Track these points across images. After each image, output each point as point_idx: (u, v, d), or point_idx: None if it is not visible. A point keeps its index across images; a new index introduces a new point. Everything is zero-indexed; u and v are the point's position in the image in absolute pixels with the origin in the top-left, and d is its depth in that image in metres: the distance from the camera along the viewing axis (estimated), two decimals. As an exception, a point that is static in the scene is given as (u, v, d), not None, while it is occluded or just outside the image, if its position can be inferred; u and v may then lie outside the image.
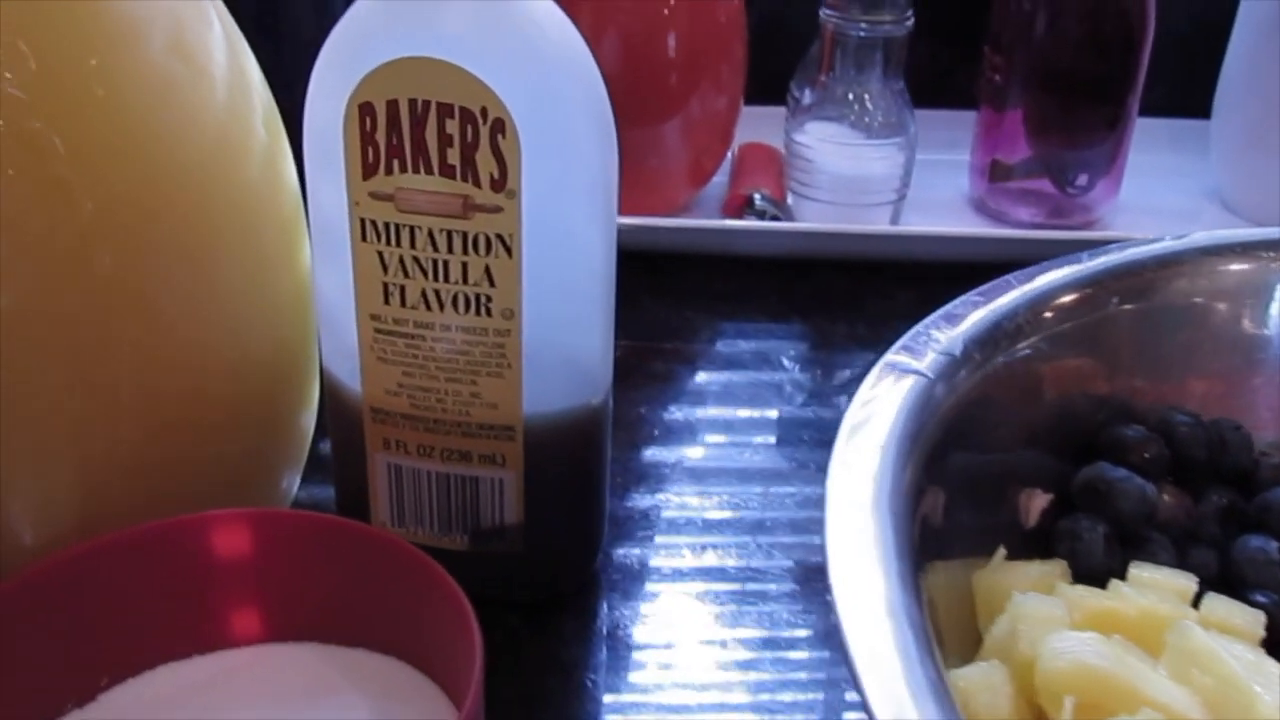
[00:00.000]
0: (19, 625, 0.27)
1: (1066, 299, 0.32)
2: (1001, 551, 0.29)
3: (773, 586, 0.37)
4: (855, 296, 0.56)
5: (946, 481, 0.27)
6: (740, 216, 0.61)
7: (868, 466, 0.24)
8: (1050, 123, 0.63)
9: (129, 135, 0.28)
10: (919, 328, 0.30)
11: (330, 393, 0.34)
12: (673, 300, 0.55)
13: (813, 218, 0.61)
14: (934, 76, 0.68)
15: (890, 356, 0.28)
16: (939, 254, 0.58)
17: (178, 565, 0.29)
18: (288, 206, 0.33)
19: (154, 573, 0.29)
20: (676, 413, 0.47)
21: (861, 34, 0.58)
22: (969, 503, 0.29)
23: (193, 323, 0.30)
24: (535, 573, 0.35)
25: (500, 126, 0.29)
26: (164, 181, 0.28)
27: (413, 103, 0.29)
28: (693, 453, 0.45)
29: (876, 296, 0.56)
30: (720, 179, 0.65)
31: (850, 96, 0.59)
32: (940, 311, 0.31)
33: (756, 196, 0.62)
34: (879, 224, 0.60)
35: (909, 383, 0.27)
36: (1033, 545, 0.31)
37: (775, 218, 0.61)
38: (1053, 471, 0.33)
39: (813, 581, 0.38)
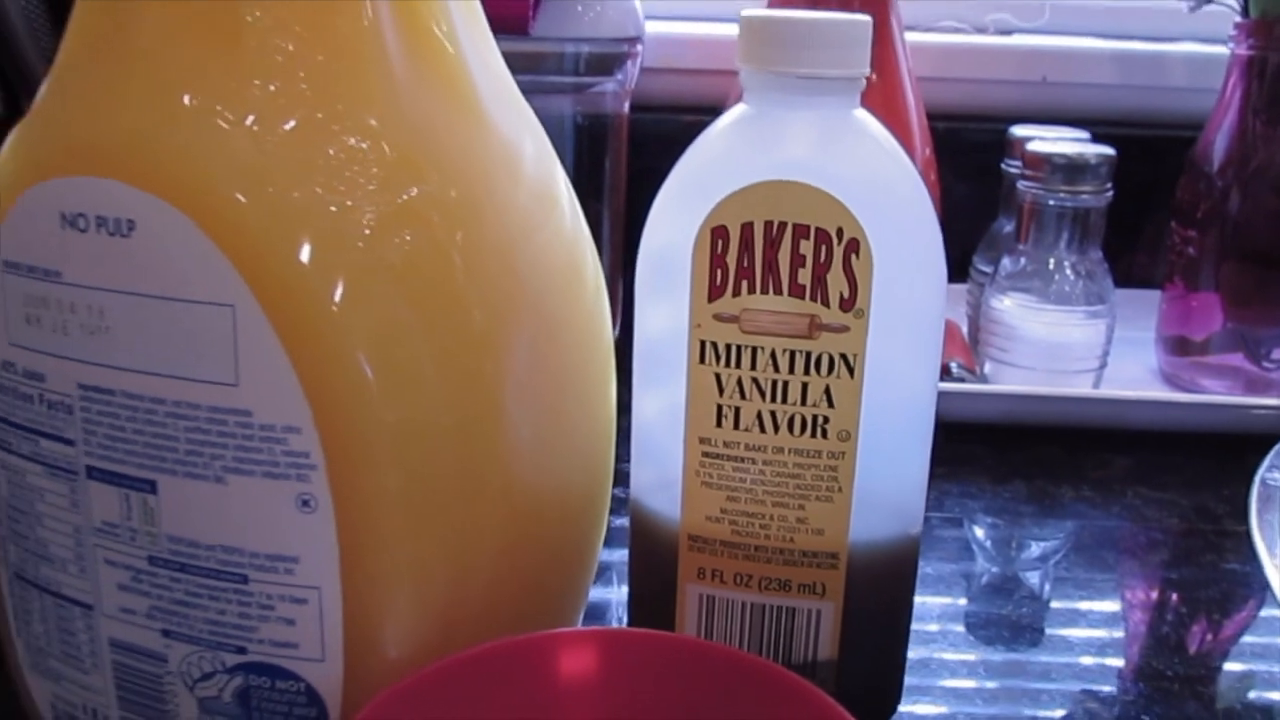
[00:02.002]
0: (388, 736, 0.26)
1: None
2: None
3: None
4: (1073, 463, 0.55)
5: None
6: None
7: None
8: (1246, 297, 0.63)
9: (510, 252, 0.29)
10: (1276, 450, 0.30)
11: (639, 526, 0.34)
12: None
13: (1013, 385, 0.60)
14: (1108, 255, 0.69)
15: (1266, 473, 0.28)
16: (1154, 421, 0.57)
17: (526, 682, 0.29)
18: (606, 335, 0.34)
19: (503, 689, 0.29)
20: (941, 565, 0.46)
21: (1062, 204, 0.59)
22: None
23: (539, 447, 0.30)
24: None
25: (855, 246, 0.30)
26: (532, 292, 0.29)
27: (768, 225, 0.30)
28: (948, 612, 0.43)
29: (1094, 463, 0.56)
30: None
31: (1050, 265, 0.60)
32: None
33: (953, 365, 0.62)
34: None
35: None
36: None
37: (974, 386, 0.61)
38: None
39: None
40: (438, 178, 0.27)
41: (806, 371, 0.31)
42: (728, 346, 0.31)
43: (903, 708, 0.36)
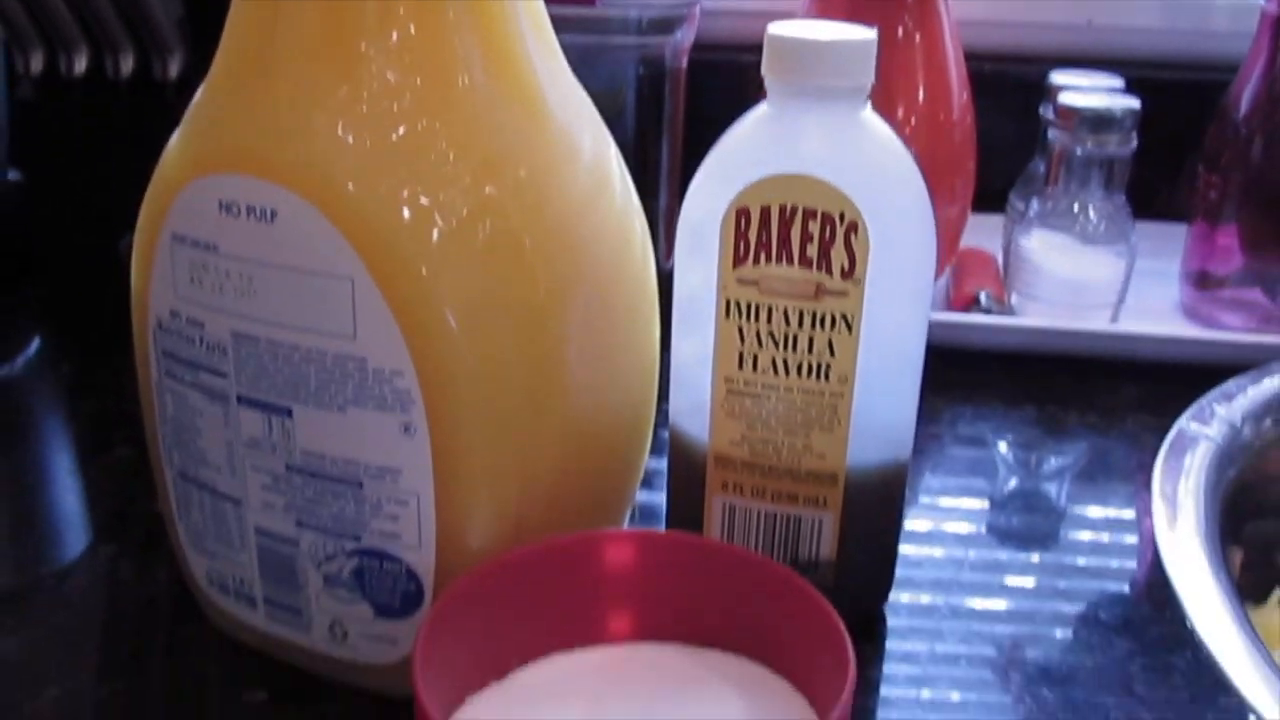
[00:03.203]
0: (469, 615, 0.34)
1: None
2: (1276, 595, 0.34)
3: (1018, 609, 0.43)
4: (1083, 391, 0.61)
5: (1243, 543, 0.33)
6: (967, 313, 0.67)
7: (1188, 508, 0.30)
8: (1264, 238, 0.67)
9: (569, 231, 0.35)
10: (1202, 402, 0.36)
11: (676, 444, 0.41)
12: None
13: (1037, 317, 0.66)
14: (1143, 191, 0.74)
15: (1183, 423, 0.34)
16: (1161, 354, 0.63)
17: (577, 572, 0.36)
18: (650, 288, 0.41)
19: (559, 577, 0.36)
20: (933, 480, 0.53)
21: (1088, 152, 0.64)
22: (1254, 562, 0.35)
23: (597, 379, 0.37)
24: (841, 601, 0.41)
25: (854, 227, 0.36)
26: (587, 262, 0.36)
27: (783, 208, 0.36)
28: (949, 516, 0.50)
29: (1103, 390, 0.61)
30: (942, 281, 0.71)
31: (1075, 208, 0.65)
32: (1217, 390, 0.36)
33: (982, 295, 0.68)
34: (1101, 325, 0.65)
35: (1202, 447, 0.33)
36: None
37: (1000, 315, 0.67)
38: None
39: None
40: (512, 175, 0.34)
41: (813, 327, 0.37)
42: (749, 305, 0.38)
43: (892, 597, 0.44)
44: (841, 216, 0.36)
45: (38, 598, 0.44)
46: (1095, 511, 0.51)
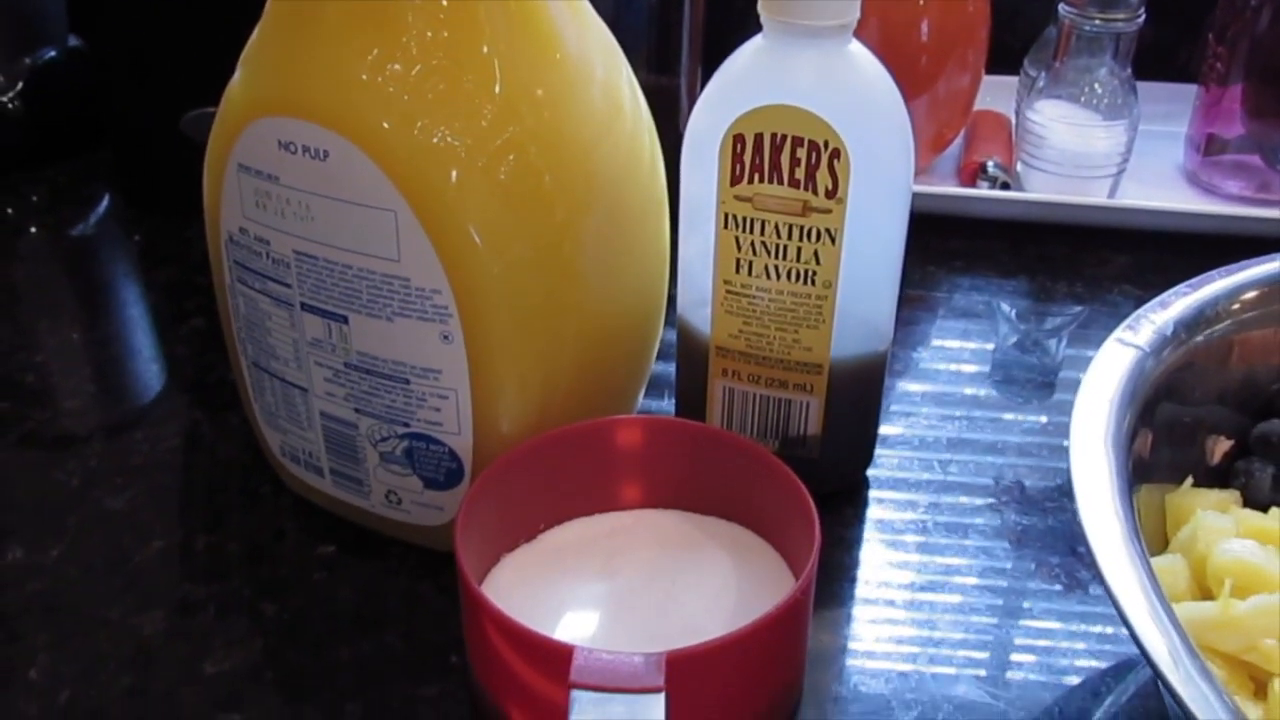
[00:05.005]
0: (503, 488, 0.41)
1: (1255, 292, 0.42)
2: (1189, 480, 0.40)
3: (998, 484, 0.49)
4: (1075, 260, 0.66)
5: (1154, 426, 0.38)
6: (975, 181, 0.71)
7: (1100, 414, 0.35)
8: (1266, 107, 0.70)
9: (583, 161, 0.40)
10: (1139, 311, 0.40)
11: (683, 334, 0.47)
12: (917, 256, 0.66)
13: (1039, 186, 0.70)
14: (1157, 53, 0.76)
15: (1117, 334, 0.39)
16: (1152, 225, 0.67)
17: (594, 452, 0.43)
18: (660, 198, 0.45)
19: (579, 456, 0.42)
20: (922, 351, 0.58)
21: (1095, 29, 0.66)
22: (1169, 443, 0.40)
23: (611, 281, 0.43)
24: (825, 472, 0.47)
25: (836, 154, 0.40)
26: (600, 186, 0.41)
27: (774, 135, 0.41)
28: (935, 385, 0.56)
29: (1094, 261, 0.66)
30: (957, 142, 0.75)
31: (1081, 81, 0.68)
32: (1156, 300, 0.41)
33: (989, 164, 0.72)
34: (1099, 195, 0.69)
35: (1131, 354, 0.38)
36: (1214, 478, 0.41)
37: (1005, 184, 0.70)
38: (1235, 423, 0.43)
39: (1029, 493, 0.49)
40: (532, 117, 0.38)
41: (801, 239, 0.42)
42: (744, 219, 0.43)
43: (876, 465, 0.50)
44: (826, 144, 0.40)
45: (136, 458, 0.51)
46: (1065, 382, 0.56)
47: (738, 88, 0.41)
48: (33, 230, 0.71)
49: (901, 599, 0.44)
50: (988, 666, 0.41)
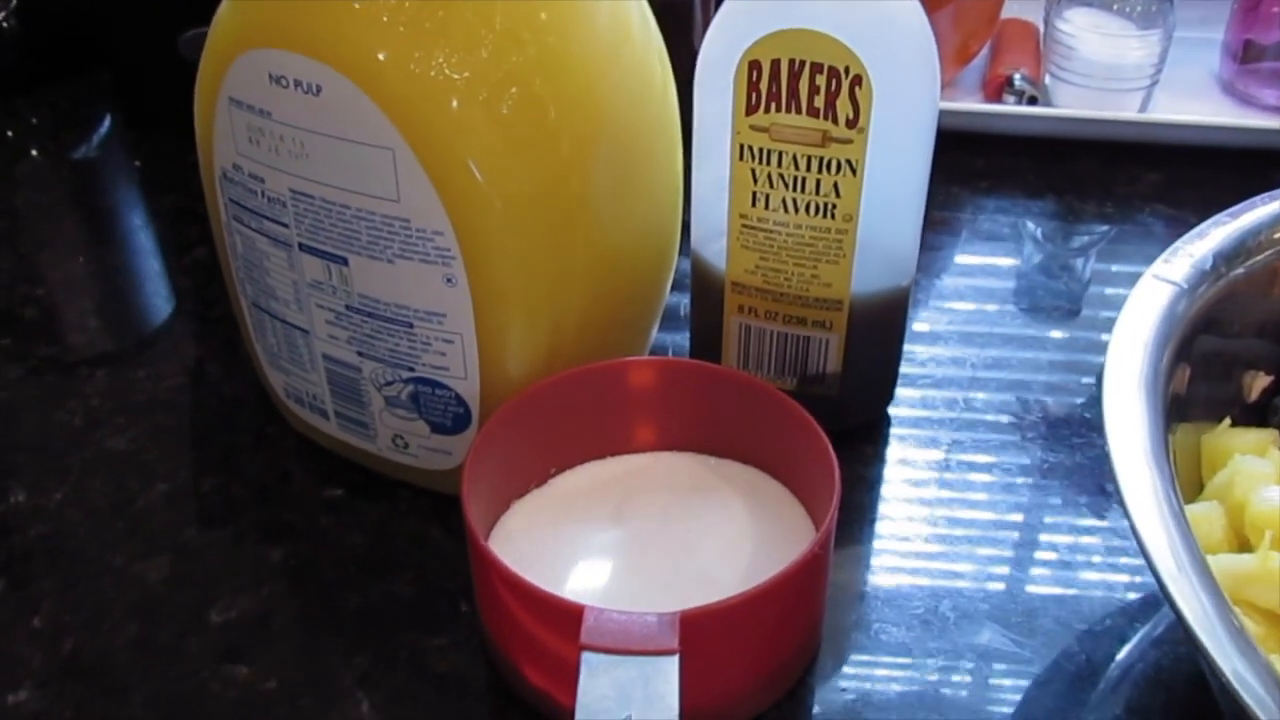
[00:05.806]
0: (511, 432, 0.39)
1: (1301, 222, 0.40)
2: (1227, 420, 0.38)
3: (1028, 420, 0.47)
4: (1104, 177, 0.63)
5: (1192, 361, 0.36)
6: (1000, 95, 0.68)
7: (1135, 357, 0.34)
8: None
9: (589, 91, 0.38)
10: (1176, 244, 0.38)
11: (697, 269, 0.45)
12: (940, 175, 0.63)
13: (1068, 100, 0.67)
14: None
15: (1153, 270, 0.37)
16: (1186, 139, 0.64)
17: (605, 394, 0.41)
18: (672, 126, 0.43)
19: (590, 398, 0.41)
20: (945, 279, 0.57)
21: (1131, -68, 0.63)
22: (1205, 378, 0.38)
23: (621, 217, 0.41)
24: (845, 410, 0.46)
25: (858, 80, 0.38)
26: (608, 117, 0.39)
27: (792, 62, 0.39)
28: (958, 313, 0.54)
29: (1124, 179, 0.63)
30: (982, 53, 0.72)
31: (1114, -11, 0.65)
32: (1194, 230, 0.39)
33: (1016, 77, 0.69)
34: (1130, 108, 0.66)
35: (1167, 291, 0.36)
36: (1252, 416, 0.40)
37: (1033, 98, 0.68)
38: (1275, 358, 0.41)
39: (1057, 425, 0.47)
40: (535, 47, 0.36)
41: (820, 171, 0.40)
42: (760, 150, 0.41)
43: (892, 407, 0.48)
44: (846, 70, 0.38)
45: (138, 396, 0.50)
46: (1092, 305, 0.55)
47: (753, 11, 0.39)
48: (33, 153, 0.70)
49: (922, 540, 0.43)
50: (1012, 613, 0.40)
